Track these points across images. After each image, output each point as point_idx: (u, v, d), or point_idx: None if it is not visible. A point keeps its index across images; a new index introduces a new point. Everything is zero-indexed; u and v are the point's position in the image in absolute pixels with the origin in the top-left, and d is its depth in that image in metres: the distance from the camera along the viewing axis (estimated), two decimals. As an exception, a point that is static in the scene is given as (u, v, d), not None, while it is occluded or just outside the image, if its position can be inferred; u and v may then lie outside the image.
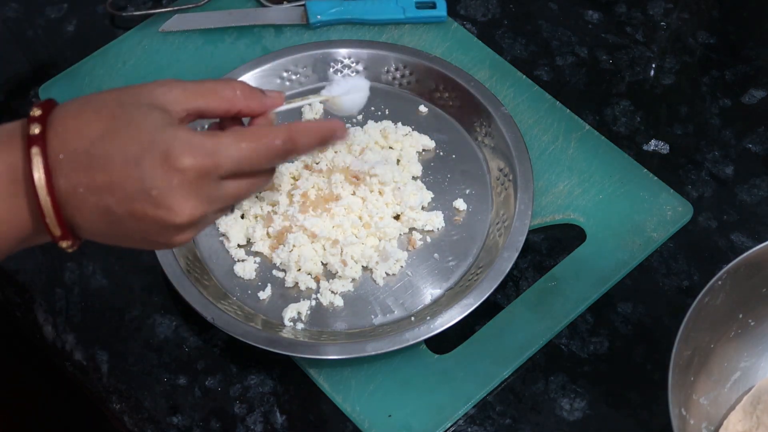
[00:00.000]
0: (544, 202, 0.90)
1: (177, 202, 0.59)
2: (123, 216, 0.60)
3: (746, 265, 0.75)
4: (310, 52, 0.98)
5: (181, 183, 0.59)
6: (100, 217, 0.60)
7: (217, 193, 0.61)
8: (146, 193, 0.59)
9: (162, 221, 0.60)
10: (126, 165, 0.59)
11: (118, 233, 0.61)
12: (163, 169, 0.59)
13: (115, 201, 0.59)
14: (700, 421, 0.76)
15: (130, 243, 0.63)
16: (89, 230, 0.61)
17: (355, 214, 0.87)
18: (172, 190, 0.59)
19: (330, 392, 0.81)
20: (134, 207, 0.59)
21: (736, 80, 1.00)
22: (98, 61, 1.01)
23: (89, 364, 0.84)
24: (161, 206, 0.59)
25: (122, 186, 0.59)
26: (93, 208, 0.59)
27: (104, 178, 0.59)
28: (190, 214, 0.60)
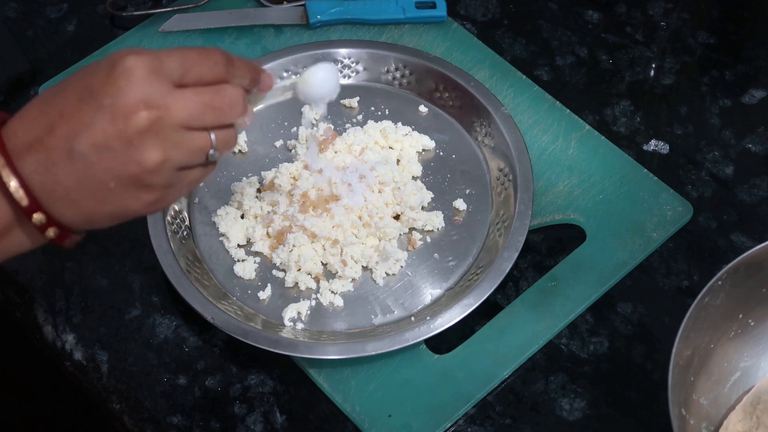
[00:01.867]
0: (544, 202, 0.90)
1: (128, 101, 0.59)
2: (87, 152, 0.59)
3: (746, 265, 0.75)
4: (310, 52, 0.98)
5: (129, 82, 0.59)
6: (67, 168, 0.59)
7: (171, 95, 0.61)
8: (100, 108, 0.59)
9: (122, 132, 0.59)
10: (78, 98, 0.59)
11: (90, 181, 0.60)
12: (110, 78, 0.59)
13: (75, 137, 0.59)
14: (700, 421, 0.76)
15: (110, 194, 0.61)
16: (60, 191, 0.60)
17: (355, 214, 0.87)
18: (122, 93, 0.59)
19: (330, 392, 0.81)
20: (93, 132, 0.59)
21: (736, 80, 1.00)
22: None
23: (89, 364, 0.84)
24: (116, 114, 0.59)
25: (79, 118, 0.59)
26: (57, 160, 0.59)
27: (61, 123, 0.59)
28: (146, 113, 0.59)
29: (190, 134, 0.62)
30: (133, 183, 0.61)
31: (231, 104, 0.64)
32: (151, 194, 0.62)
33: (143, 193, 0.62)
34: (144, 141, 0.60)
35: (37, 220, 0.61)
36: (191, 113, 0.61)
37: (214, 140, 0.63)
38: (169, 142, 0.61)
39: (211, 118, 0.63)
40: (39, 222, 0.61)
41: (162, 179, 0.62)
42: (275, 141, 0.94)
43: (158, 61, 0.60)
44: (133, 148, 0.60)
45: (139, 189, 0.62)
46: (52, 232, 0.62)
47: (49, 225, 0.61)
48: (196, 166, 0.64)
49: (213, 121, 0.63)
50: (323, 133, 0.92)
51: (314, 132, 0.93)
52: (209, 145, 0.63)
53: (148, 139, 0.60)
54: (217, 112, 0.63)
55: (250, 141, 0.94)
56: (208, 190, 0.91)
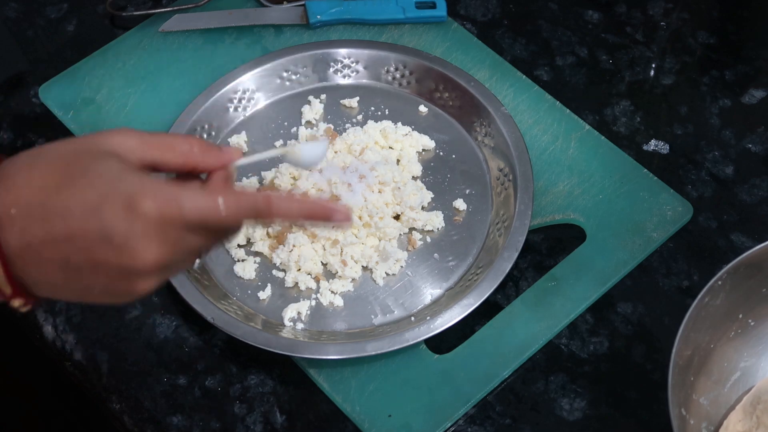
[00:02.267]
0: (544, 202, 0.90)
1: (141, 246, 0.57)
2: (82, 266, 0.57)
3: (746, 265, 0.75)
4: (310, 52, 0.98)
5: (145, 228, 0.57)
6: (58, 270, 0.58)
7: (182, 243, 0.59)
8: (108, 239, 0.56)
9: (124, 267, 0.58)
10: (85, 213, 0.56)
11: (77, 286, 0.59)
12: (125, 214, 0.56)
13: (74, 251, 0.57)
14: (700, 421, 0.76)
15: (89, 296, 0.60)
16: (45, 285, 0.59)
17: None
18: (135, 235, 0.57)
19: (330, 392, 0.81)
20: (95, 255, 0.57)
21: (736, 80, 1.00)
22: (98, 61, 1.01)
23: (89, 364, 0.84)
24: (124, 252, 0.57)
25: (82, 235, 0.56)
26: (49, 261, 0.57)
27: (62, 229, 0.56)
28: (155, 260, 0.58)
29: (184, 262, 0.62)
30: (120, 295, 0.60)
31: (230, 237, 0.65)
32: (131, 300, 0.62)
33: (125, 300, 0.61)
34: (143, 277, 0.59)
35: (15, 304, 0.59)
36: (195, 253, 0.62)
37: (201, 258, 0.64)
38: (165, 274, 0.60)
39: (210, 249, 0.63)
40: (18, 305, 0.59)
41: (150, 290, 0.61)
42: (275, 141, 0.94)
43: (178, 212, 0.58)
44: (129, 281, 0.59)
45: (122, 298, 0.61)
46: (17, 303, 0.60)
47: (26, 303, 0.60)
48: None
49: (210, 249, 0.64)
50: (323, 133, 0.92)
51: (314, 132, 0.93)
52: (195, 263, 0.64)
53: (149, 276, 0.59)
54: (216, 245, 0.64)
55: (250, 141, 0.94)
56: (208, 190, 0.91)
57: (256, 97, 0.97)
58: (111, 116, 0.96)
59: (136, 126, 0.95)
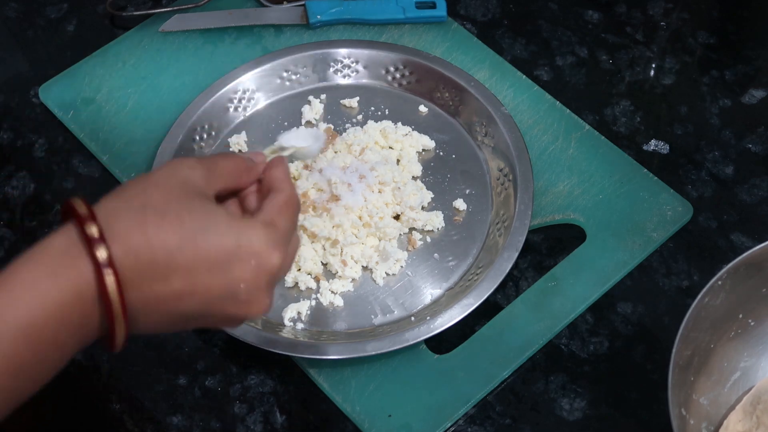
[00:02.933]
0: (544, 202, 0.90)
1: (261, 298, 0.61)
2: (198, 316, 0.60)
3: (746, 265, 0.75)
4: (310, 52, 0.98)
5: (269, 280, 0.61)
6: (168, 318, 0.59)
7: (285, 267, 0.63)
8: (233, 294, 0.59)
9: (240, 315, 0.61)
10: (212, 270, 0.58)
11: (179, 326, 0.62)
12: (254, 271, 0.60)
13: (195, 304, 0.59)
14: (700, 421, 0.76)
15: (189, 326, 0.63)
16: (147, 329, 0.60)
17: (355, 214, 0.87)
18: (259, 289, 0.60)
19: (330, 392, 0.81)
20: (214, 308, 0.60)
21: (736, 80, 1.00)
22: (98, 61, 1.01)
23: (89, 364, 0.84)
24: (244, 303, 0.60)
25: (206, 291, 0.59)
26: (164, 312, 0.59)
27: (185, 286, 0.58)
28: (268, 306, 0.62)
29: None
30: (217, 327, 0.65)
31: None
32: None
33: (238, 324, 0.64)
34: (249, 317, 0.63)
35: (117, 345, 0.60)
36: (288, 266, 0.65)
37: None
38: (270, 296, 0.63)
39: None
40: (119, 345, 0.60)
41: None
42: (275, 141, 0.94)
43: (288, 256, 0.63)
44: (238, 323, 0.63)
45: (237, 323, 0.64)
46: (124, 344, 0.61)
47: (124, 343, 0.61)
48: None
49: None
50: (323, 133, 0.92)
51: None
52: None
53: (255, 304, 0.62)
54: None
55: (250, 141, 0.94)
56: (208, 190, 0.91)
57: (256, 97, 0.97)
58: (111, 116, 0.96)
59: (137, 126, 0.96)
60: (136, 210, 0.57)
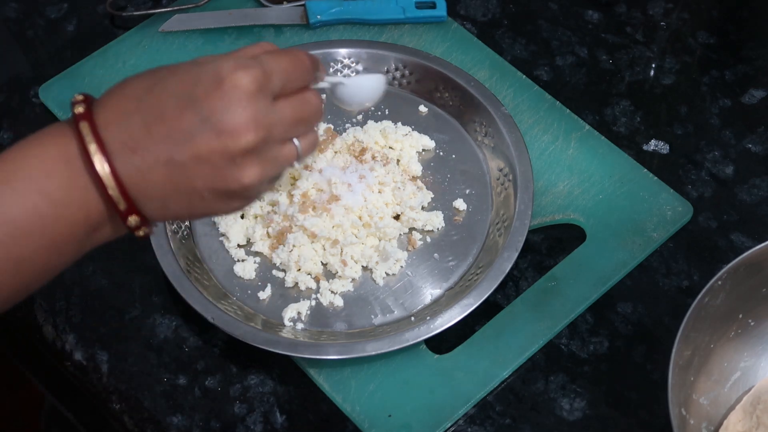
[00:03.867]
0: (544, 202, 0.90)
1: (236, 120, 0.58)
2: (186, 162, 0.59)
3: (746, 265, 0.75)
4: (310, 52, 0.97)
5: (238, 100, 0.58)
6: (164, 173, 0.59)
7: (273, 114, 0.61)
8: (205, 121, 0.58)
9: (226, 149, 0.59)
10: (179, 104, 0.58)
11: (185, 188, 0.60)
12: (217, 91, 0.58)
13: (175, 145, 0.58)
14: (700, 421, 0.76)
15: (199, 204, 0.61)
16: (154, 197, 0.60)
17: (355, 214, 0.87)
18: (229, 110, 0.58)
19: (330, 392, 0.81)
20: (196, 144, 0.58)
21: (736, 80, 1.00)
22: (98, 61, 1.01)
23: (89, 364, 0.84)
24: (223, 131, 0.58)
25: (180, 126, 0.58)
26: (154, 163, 0.58)
27: (160, 127, 0.58)
28: (254, 134, 0.59)
29: (282, 148, 0.63)
30: (228, 195, 0.62)
31: (316, 113, 0.65)
32: (241, 202, 0.63)
33: (234, 202, 0.63)
34: (246, 160, 0.60)
35: (131, 222, 0.60)
36: (288, 127, 0.62)
37: (300, 150, 0.64)
38: (266, 159, 0.61)
39: (302, 128, 0.64)
40: (132, 223, 0.61)
41: (254, 192, 0.63)
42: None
43: (265, 78, 0.60)
44: (235, 166, 0.60)
45: (231, 199, 0.62)
46: (142, 232, 0.61)
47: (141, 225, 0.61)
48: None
49: (302, 131, 0.64)
50: (323, 133, 0.92)
51: None
52: (296, 155, 0.64)
53: (251, 158, 0.60)
54: (306, 123, 0.64)
55: (250, 141, 0.94)
56: (208, 190, 0.91)
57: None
58: (111, 116, 0.96)
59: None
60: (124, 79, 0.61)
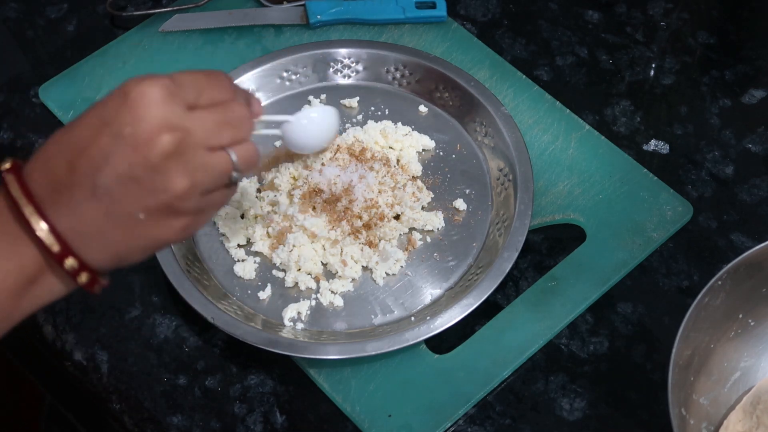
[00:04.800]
0: (544, 202, 0.90)
1: (148, 126, 0.58)
2: (111, 185, 0.58)
3: (746, 265, 0.75)
4: (310, 52, 0.98)
5: (146, 107, 0.58)
6: (94, 206, 0.58)
7: (188, 118, 0.60)
8: (118, 137, 0.57)
9: (145, 160, 0.58)
10: (93, 131, 0.58)
11: (118, 215, 0.59)
12: (124, 106, 0.58)
13: (97, 172, 0.57)
14: (700, 421, 0.76)
15: (140, 228, 0.60)
16: (91, 232, 0.59)
17: (355, 214, 0.87)
18: (140, 119, 0.58)
19: (330, 392, 0.81)
20: (115, 163, 0.57)
21: (736, 80, 1.00)
22: (98, 61, 1.01)
23: (89, 364, 0.84)
24: (137, 141, 0.58)
25: (97, 151, 0.57)
26: (81, 199, 0.58)
27: (80, 159, 0.58)
28: (168, 135, 0.58)
29: (211, 155, 0.62)
30: (163, 211, 0.60)
31: (242, 119, 0.64)
32: (181, 220, 0.62)
33: (173, 220, 0.61)
34: (169, 166, 0.59)
35: (69, 266, 0.59)
36: (209, 132, 0.61)
37: (234, 159, 0.63)
38: (192, 165, 0.60)
39: (228, 135, 0.63)
40: (71, 268, 0.59)
41: (191, 204, 0.61)
42: (275, 141, 0.94)
43: (173, 85, 0.59)
44: (159, 175, 0.59)
45: (169, 216, 0.61)
46: (84, 277, 0.60)
47: (80, 270, 0.60)
48: (221, 188, 0.64)
49: (230, 138, 0.63)
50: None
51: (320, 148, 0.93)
52: (231, 165, 0.63)
53: (173, 163, 0.59)
54: (232, 129, 0.63)
55: (250, 141, 0.94)
56: (208, 190, 0.91)
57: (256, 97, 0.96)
58: (111, 116, 0.96)
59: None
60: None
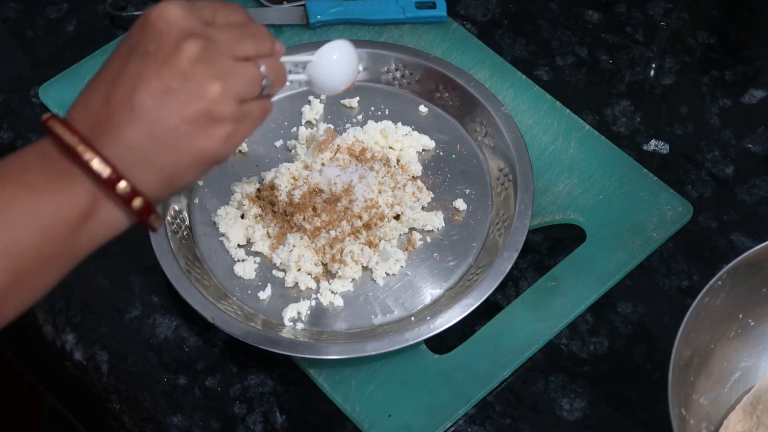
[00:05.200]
0: (544, 202, 0.90)
1: (171, 38, 0.60)
2: (146, 104, 0.59)
3: (746, 265, 0.75)
4: (310, 52, 0.97)
5: (167, 24, 0.60)
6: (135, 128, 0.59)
7: (209, 29, 0.62)
8: (146, 57, 0.60)
9: (175, 69, 0.59)
10: (122, 60, 0.60)
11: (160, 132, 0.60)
12: (146, 28, 0.60)
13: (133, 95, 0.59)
14: (700, 421, 0.76)
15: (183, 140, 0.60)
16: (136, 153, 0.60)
17: (355, 214, 0.87)
18: (162, 35, 0.60)
19: (330, 392, 0.81)
20: (147, 81, 0.59)
21: (736, 80, 1.00)
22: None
23: (89, 364, 0.84)
24: (163, 55, 0.60)
25: (128, 76, 0.59)
26: (121, 124, 0.59)
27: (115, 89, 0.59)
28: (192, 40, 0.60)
29: (240, 64, 0.63)
30: (203, 119, 0.61)
31: (262, 34, 0.66)
32: (223, 128, 0.62)
33: (215, 129, 0.62)
34: (199, 71, 0.60)
35: (122, 190, 0.60)
36: (232, 41, 0.63)
37: (263, 69, 0.64)
38: (221, 70, 0.61)
39: (251, 46, 0.64)
40: (124, 192, 0.60)
41: (228, 110, 0.62)
42: (275, 141, 0.94)
43: (190, 4, 0.62)
44: (192, 82, 0.60)
45: (210, 125, 0.61)
46: (138, 202, 0.60)
47: (134, 195, 0.60)
48: (256, 99, 0.65)
49: (253, 49, 0.64)
50: (323, 134, 0.92)
51: (314, 132, 0.93)
52: (260, 74, 0.64)
53: (203, 68, 0.60)
54: (254, 41, 0.64)
55: (250, 141, 0.94)
56: (208, 190, 0.91)
57: None
58: (111, 116, 0.96)
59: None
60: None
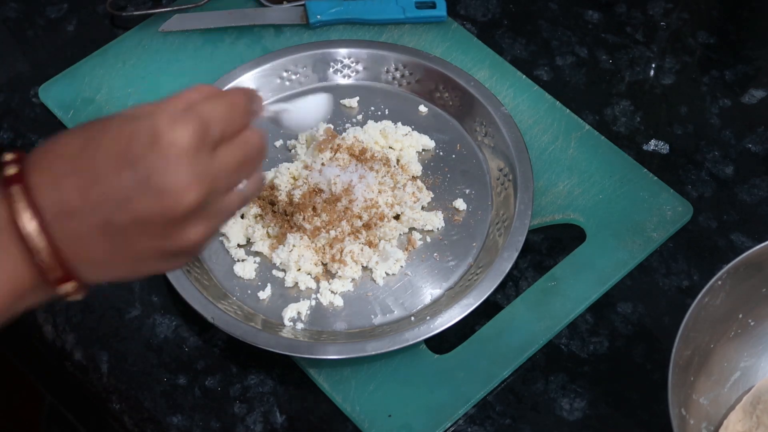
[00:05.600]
0: (544, 202, 0.90)
1: (177, 180, 0.55)
2: (126, 225, 0.55)
3: (746, 265, 0.75)
4: (310, 52, 0.98)
5: (177, 157, 0.55)
6: (103, 239, 0.56)
7: (214, 165, 0.57)
8: (143, 183, 0.55)
9: (168, 212, 0.56)
10: (115, 164, 0.55)
11: (127, 252, 0.57)
12: (155, 150, 0.55)
13: (114, 208, 0.55)
14: (700, 421, 0.76)
15: (143, 266, 0.59)
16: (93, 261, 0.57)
17: (355, 214, 0.87)
18: (168, 170, 0.55)
19: (330, 392, 0.81)
20: (135, 207, 0.55)
21: (736, 80, 1.00)
22: (98, 61, 1.01)
23: (89, 364, 0.84)
24: (162, 192, 0.55)
25: (117, 188, 0.55)
26: (92, 229, 0.55)
27: (96, 189, 0.55)
28: (196, 193, 0.56)
29: (227, 197, 0.60)
30: (174, 255, 0.59)
31: (259, 152, 0.62)
32: (188, 258, 0.61)
33: (180, 259, 0.60)
34: (190, 220, 0.57)
35: (66, 289, 0.57)
36: (231, 177, 0.60)
37: (246, 194, 0.62)
38: (212, 213, 0.59)
39: (245, 173, 0.61)
40: (69, 290, 0.57)
41: (202, 247, 0.60)
42: (275, 141, 0.94)
43: (204, 130, 0.57)
44: (180, 228, 0.57)
45: (177, 257, 0.60)
46: (70, 288, 0.58)
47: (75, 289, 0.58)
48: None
49: (246, 176, 0.61)
50: (323, 133, 0.92)
51: (314, 132, 0.93)
52: (241, 201, 0.62)
53: (195, 217, 0.57)
54: (250, 166, 0.61)
55: (250, 141, 0.94)
56: (208, 190, 0.91)
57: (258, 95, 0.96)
58: (111, 116, 0.96)
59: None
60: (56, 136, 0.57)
